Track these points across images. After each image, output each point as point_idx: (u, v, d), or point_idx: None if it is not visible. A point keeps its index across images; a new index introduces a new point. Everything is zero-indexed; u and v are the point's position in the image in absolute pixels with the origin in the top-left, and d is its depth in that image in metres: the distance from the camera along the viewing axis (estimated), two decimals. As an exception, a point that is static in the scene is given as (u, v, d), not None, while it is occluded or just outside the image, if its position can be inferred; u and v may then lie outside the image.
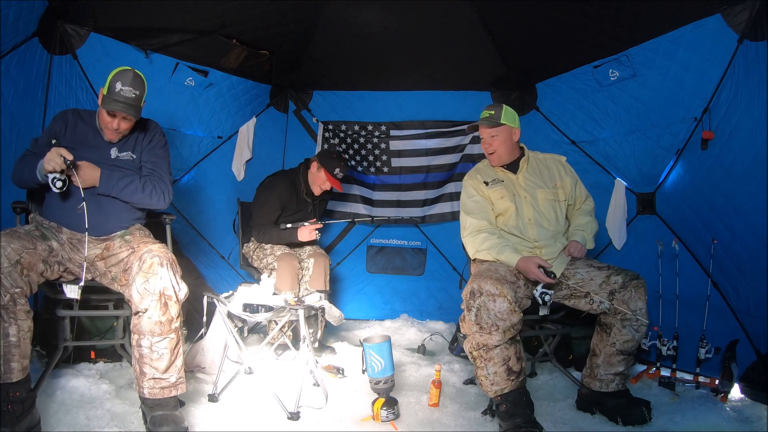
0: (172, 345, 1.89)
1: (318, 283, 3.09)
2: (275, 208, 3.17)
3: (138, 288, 1.87)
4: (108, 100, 2.05)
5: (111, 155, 2.21)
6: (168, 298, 1.88)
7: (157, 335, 1.86)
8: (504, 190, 2.39)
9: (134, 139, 2.28)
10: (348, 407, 2.27)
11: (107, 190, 2.10)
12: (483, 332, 1.98)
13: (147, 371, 1.86)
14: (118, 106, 2.04)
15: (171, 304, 1.89)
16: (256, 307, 2.33)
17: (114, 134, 2.18)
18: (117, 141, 2.22)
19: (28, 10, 2.37)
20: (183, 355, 1.96)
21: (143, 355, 1.86)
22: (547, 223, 2.35)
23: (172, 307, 1.90)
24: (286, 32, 3.29)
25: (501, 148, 2.42)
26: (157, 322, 1.85)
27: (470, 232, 2.34)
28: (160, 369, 1.87)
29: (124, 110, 2.05)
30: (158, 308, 1.86)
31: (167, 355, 1.87)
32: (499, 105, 2.43)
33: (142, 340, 1.86)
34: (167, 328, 1.88)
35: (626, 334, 2.15)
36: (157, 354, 1.86)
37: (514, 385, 1.99)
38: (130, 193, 2.15)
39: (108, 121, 2.12)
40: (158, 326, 1.86)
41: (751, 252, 2.40)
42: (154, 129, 2.37)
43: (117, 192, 2.12)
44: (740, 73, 2.36)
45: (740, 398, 2.38)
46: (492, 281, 2.00)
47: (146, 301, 1.85)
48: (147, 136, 2.32)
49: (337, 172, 3.17)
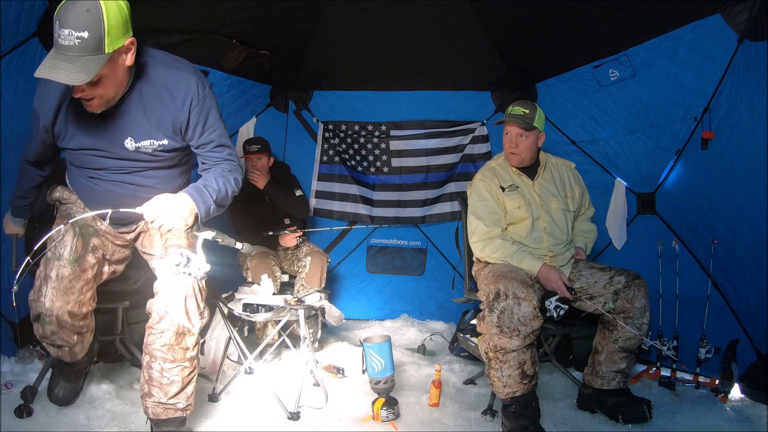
0: (185, 374, 1.70)
1: (314, 281, 3.12)
2: (241, 213, 3.31)
3: (158, 307, 1.65)
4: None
5: (127, 147, 1.60)
6: (186, 330, 1.67)
7: (170, 362, 1.66)
8: (521, 199, 2.33)
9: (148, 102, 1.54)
10: (348, 407, 2.27)
11: (207, 215, 1.60)
12: (503, 335, 1.96)
13: (154, 393, 1.69)
14: (54, 70, 1.28)
15: (188, 336, 1.68)
16: (256, 307, 2.33)
17: (96, 106, 1.48)
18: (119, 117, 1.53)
19: (28, 10, 2.36)
20: (195, 384, 1.77)
21: (152, 378, 1.68)
22: (560, 232, 2.34)
23: (189, 338, 1.68)
24: (286, 32, 3.29)
25: (525, 152, 2.35)
26: (169, 347, 1.65)
27: (480, 238, 2.29)
28: (168, 394, 1.68)
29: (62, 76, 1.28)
30: (173, 337, 1.65)
31: (178, 383, 1.69)
32: (533, 105, 2.35)
33: (153, 363, 1.67)
34: (181, 356, 1.67)
35: (629, 331, 2.15)
36: (167, 380, 1.68)
37: (526, 389, 2.00)
38: (221, 205, 1.69)
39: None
40: (171, 352, 1.65)
41: (751, 252, 2.40)
42: (185, 82, 1.56)
43: (217, 210, 1.65)
44: (740, 73, 2.36)
45: (740, 398, 2.38)
46: (518, 283, 1.98)
47: (162, 324, 1.65)
48: (175, 94, 1.55)
49: (248, 148, 3.30)
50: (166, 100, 1.56)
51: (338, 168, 4.10)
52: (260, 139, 3.38)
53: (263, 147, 3.32)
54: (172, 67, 1.58)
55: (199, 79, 1.61)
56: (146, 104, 1.56)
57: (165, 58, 1.60)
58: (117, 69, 1.44)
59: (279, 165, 3.58)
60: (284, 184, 3.46)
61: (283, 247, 3.33)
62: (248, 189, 3.38)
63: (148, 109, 1.57)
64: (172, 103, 1.57)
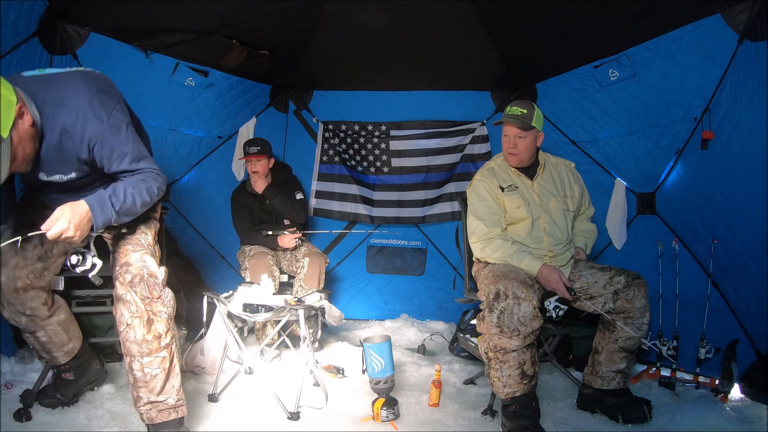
0: (165, 365, 1.73)
1: (312, 281, 3.13)
2: (245, 213, 3.37)
3: (119, 297, 1.69)
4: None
5: (41, 178, 1.65)
6: (153, 314, 1.70)
7: (146, 355, 1.70)
8: (520, 199, 2.33)
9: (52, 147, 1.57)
10: (348, 407, 2.27)
11: (105, 224, 1.61)
12: (503, 336, 1.96)
13: (143, 395, 1.72)
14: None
15: (156, 320, 1.71)
16: (256, 307, 2.33)
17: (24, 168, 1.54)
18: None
19: (28, 10, 2.37)
20: (180, 374, 1.80)
21: (137, 379, 1.72)
22: (560, 232, 2.33)
23: (159, 323, 1.71)
24: (286, 32, 3.29)
25: (524, 152, 2.35)
26: (142, 340, 1.69)
27: (480, 238, 2.29)
28: (155, 390, 1.72)
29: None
30: (141, 325, 1.69)
31: (161, 375, 1.73)
32: (530, 105, 2.34)
33: (133, 363, 1.71)
34: (156, 346, 1.71)
35: (628, 331, 2.15)
36: (150, 375, 1.71)
37: (526, 389, 2.00)
38: (129, 213, 1.68)
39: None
40: (145, 344, 1.69)
41: (751, 252, 2.40)
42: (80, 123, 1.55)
43: (120, 218, 1.65)
44: (740, 73, 2.36)
45: (740, 398, 2.38)
46: (518, 283, 1.98)
47: (126, 317, 1.69)
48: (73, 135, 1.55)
49: (247, 150, 3.29)
50: (66, 142, 1.58)
51: (338, 168, 4.10)
52: (260, 140, 3.35)
53: (263, 149, 3.29)
54: (66, 107, 1.55)
55: (94, 112, 1.56)
56: (50, 149, 1.59)
57: (58, 96, 1.55)
58: (23, 137, 1.47)
59: (281, 166, 3.58)
60: (285, 187, 3.46)
61: (282, 248, 3.33)
62: (248, 190, 3.38)
63: (52, 153, 1.60)
64: (73, 145, 1.58)
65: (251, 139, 3.49)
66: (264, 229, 3.31)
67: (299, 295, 2.64)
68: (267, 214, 3.39)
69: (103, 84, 1.65)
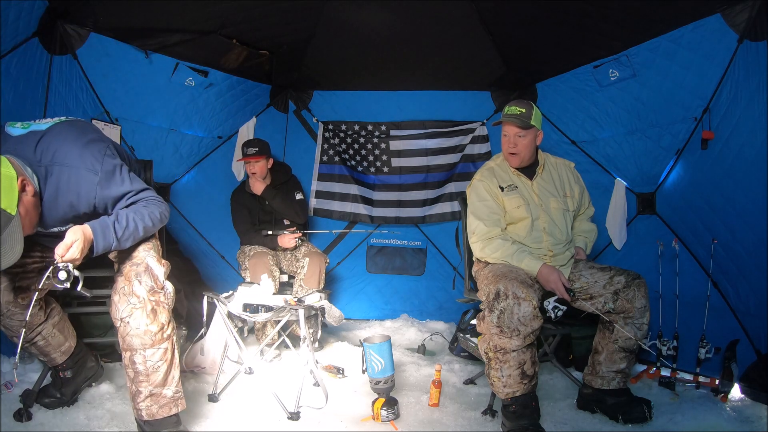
0: (168, 356, 1.75)
1: (312, 281, 3.13)
2: (245, 214, 3.39)
3: (118, 291, 1.70)
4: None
5: (39, 230, 1.70)
6: (156, 304, 1.72)
7: (149, 347, 1.70)
8: (520, 199, 2.33)
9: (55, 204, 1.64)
10: (348, 407, 2.26)
11: (105, 250, 1.65)
12: (503, 336, 1.96)
13: (143, 389, 1.72)
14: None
15: (160, 311, 1.72)
16: (256, 307, 2.33)
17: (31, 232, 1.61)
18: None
19: (28, 10, 2.37)
20: (180, 367, 1.82)
21: (138, 372, 1.71)
22: (559, 232, 2.33)
23: (162, 314, 1.73)
24: (286, 32, 3.29)
25: (525, 151, 2.35)
26: (145, 331, 1.69)
27: (480, 238, 2.29)
28: (156, 383, 1.72)
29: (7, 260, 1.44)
30: (144, 316, 1.69)
31: (163, 367, 1.74)
32: (529, 104, 2.34)
33: (134, 356, 1.70)
34: (159, 338, 1.72)
35: (628, 331, 2.15)
36: (153, 367, 1.72)
37: (526, 389, 2.00)
38: (134, 235, 1.71)
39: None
40: (148, 336, 1.69)
41: (751, 252, 2.40)
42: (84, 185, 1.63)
43: (120, 244, 1.69)
44: (740, 73, 2.36)
45: (740, 398, 2.38)
46: (518, 283, 1.98)
47: (128, 307, 1.69)
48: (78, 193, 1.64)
49: (245, 151, 3.27)
50: (63, 200, 1.64)
51: (338, 168, 4.10)
52: (258, 141, 3.34)
53: (261, 150, 3.27)
54: (59, 166, 1.60)
55: (87, 165, 1.62)
56: (48, 208, 1.65)
57: (48, 155, 1.60)
58: (29, 209, 1.54)
59: (280, 166, 3.58)
60: (284, 187, 3.46)
61: (282, 248, 3.33)
62: (248, 190, 3.38)
63: (50, 211, 1.66)
64: (70, 201, 1.65)
65: (249, 140, 3.48)
66: (264, 229, 3.31)
67: (299, 295, 2.64)
68: (267, 214, 3.40)
69: (90, 132, 1.71)
